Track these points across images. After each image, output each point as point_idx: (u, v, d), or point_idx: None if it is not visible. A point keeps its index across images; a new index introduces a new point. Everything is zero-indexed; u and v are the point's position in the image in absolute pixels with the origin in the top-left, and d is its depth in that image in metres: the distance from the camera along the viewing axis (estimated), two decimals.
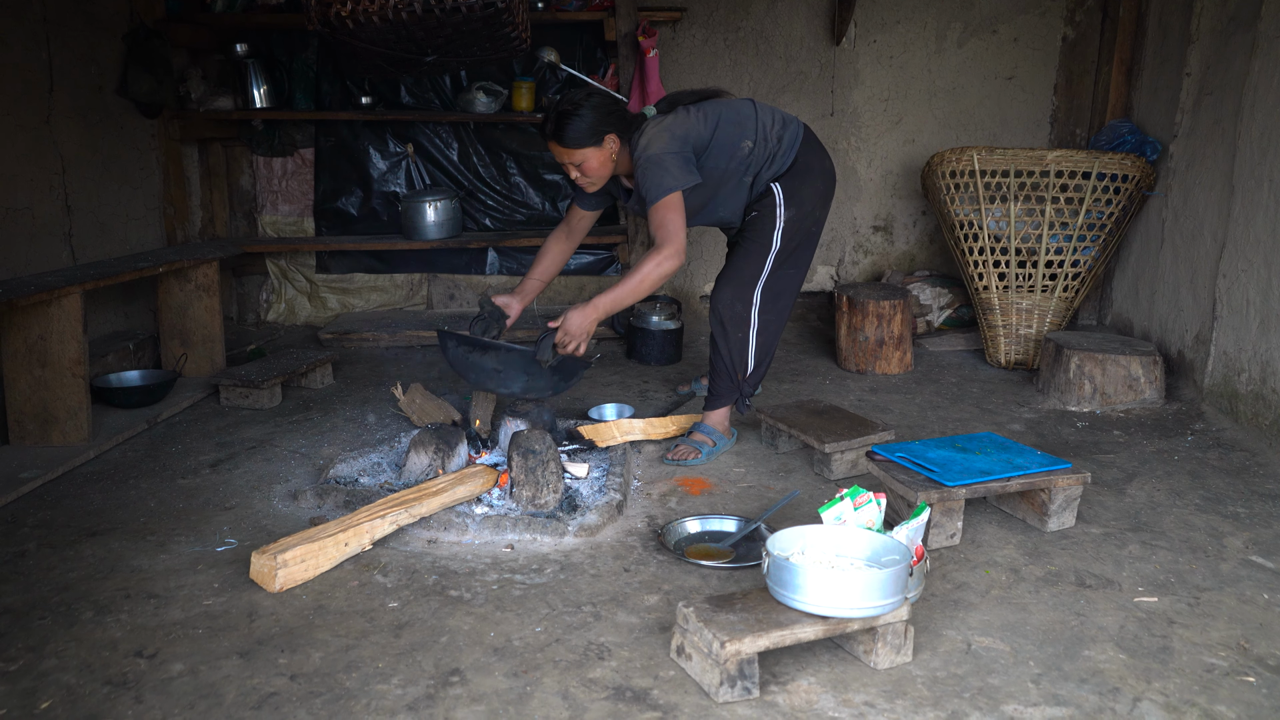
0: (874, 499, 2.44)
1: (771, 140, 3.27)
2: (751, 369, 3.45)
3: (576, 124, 3.06)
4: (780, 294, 3.39)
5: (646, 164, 3.07)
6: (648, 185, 3.07)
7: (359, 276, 5.74)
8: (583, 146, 3.10)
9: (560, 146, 3.11)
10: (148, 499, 3.14)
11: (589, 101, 3.09)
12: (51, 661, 2.19)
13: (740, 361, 3.43)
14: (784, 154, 3.29)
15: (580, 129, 3.07)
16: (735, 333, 3.38)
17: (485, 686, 2.11)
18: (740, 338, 3.39)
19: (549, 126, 3.10)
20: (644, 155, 3.10)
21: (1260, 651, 2.27)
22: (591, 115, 3.07)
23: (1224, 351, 3.87)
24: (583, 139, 3.09)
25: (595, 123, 3.08)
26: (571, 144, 3.10)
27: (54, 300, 3.47)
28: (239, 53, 5.33)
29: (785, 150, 3.29)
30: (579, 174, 3.18)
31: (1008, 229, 4.57)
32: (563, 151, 3.12)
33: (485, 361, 3.17)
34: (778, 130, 3.29)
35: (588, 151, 3.12)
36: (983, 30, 5.43)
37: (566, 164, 3.17)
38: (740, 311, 3.36)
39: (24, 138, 4.06)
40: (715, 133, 3.20)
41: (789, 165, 3.30)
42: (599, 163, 3.14)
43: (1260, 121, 3.70)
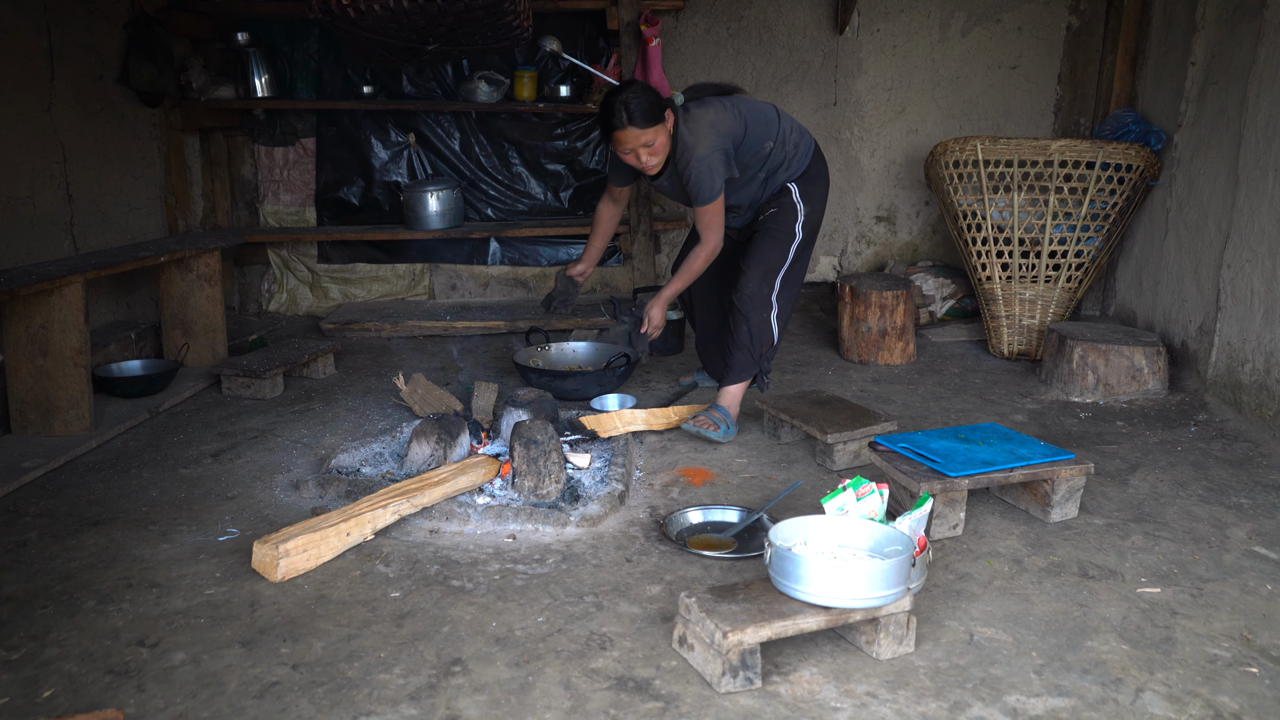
0: (876, 489, 2.44)
1: (789, 146, 3.56)
2: (777, 339, 3.65)
3: (645, 102, 3.22)
4: (791, 283, 3.64)
5: (698, 164, 3.32)
6: (699, 186, 3.35)
7: (361, 266, 5.73)
8: (655, 124, 3.25)
9: (636, 129, 3.23)
10: (149, 488, 3.14)
11: (637, 84, 3.29)
12: (53, 650, 2.20)
13: (765, 336, 3.59)
14: (798, 160, 3.59)
15: (650, 106, 3.23)
16: (759, 314, 3.56)
17: (487, 676, 2.11)
18: (764, 318, 3.57)
19: (621, 115, 3.21)
20: (693, 154, 3.32)
21: (1263, 642, 2.26)
22: (649, 93, 3.25)
23: (1228, 342, 3.86)
24: (655, 115, 3.25)
25: (655, 100, 3.26)
26: (647, 122, 3.23)
27: (55, 290, 3.46)
28: (240, 41, 5.31)
29: (800, 157, 3.59)
30: (648, 155, 3.31)
31: (1011, 219, 4.55)
32: (637, 134, 3.24)
33: (566, 385, 3.97)
34: (794, 139, 3.58)
35: (658, 129, 3.27)
36: (986, 19, 5.41)
37: (636, 149, 3.28)
38: (765, 294, 3.56)
39: (25, 127, 4.05)
40: (746, 131, 3.44)
41: (802, 170, 3.61)
42: (664, 139, 3.31)
43: (1266, 111, 3.68)
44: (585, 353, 4.37)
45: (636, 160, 3.33)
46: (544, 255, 5.72)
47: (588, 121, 5.57)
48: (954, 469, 2.77)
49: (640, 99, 3.23)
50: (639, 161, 3.34)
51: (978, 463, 2.82)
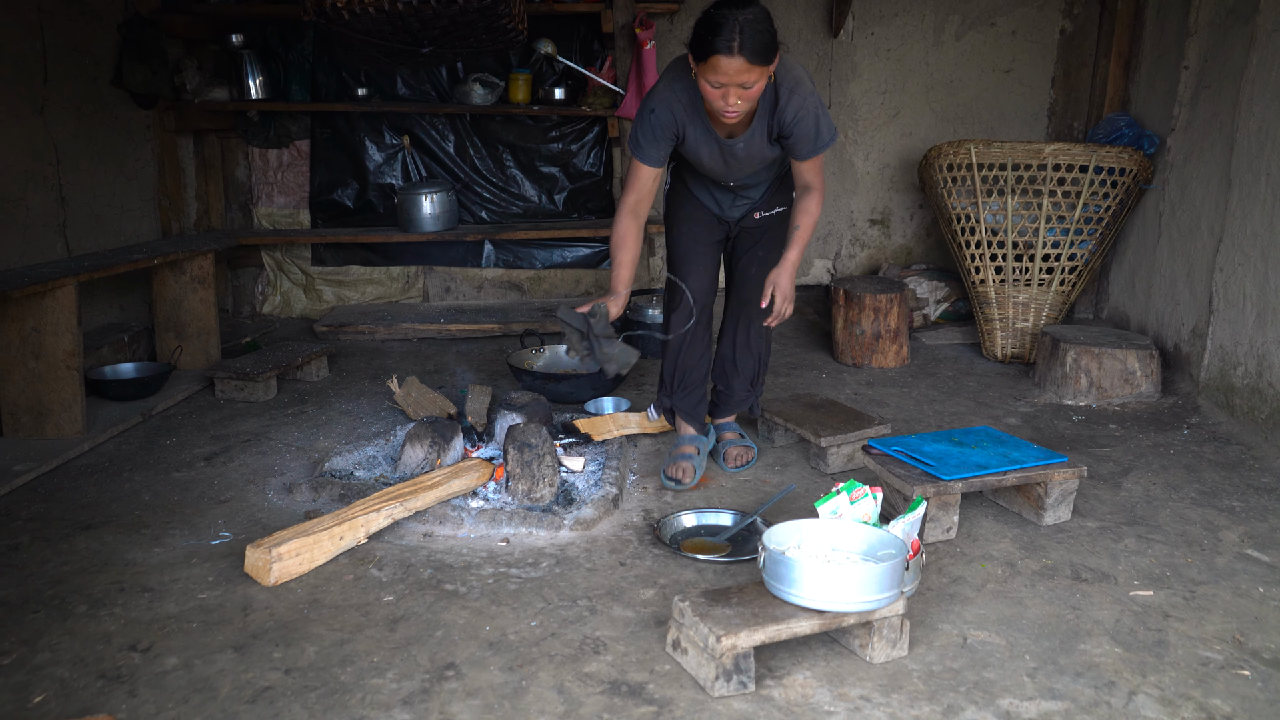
0: (870, 493, 2.44)
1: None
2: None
3: (765, 34, 2.59)
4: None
5: (818, 108, 2.83)
6: (819, 131, 2.85)
7: (355, 269, 5.72)
8: (765, 64, 2.62)
9: (745, 60, 2.56)
10: (142, 492, 3.13)
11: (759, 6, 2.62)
12: (45, 655, 2.19)
13: (768, 357, 3.39)
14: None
15: (769, 40, 2.61)
16: (768, 340, 3.33)
17: (481, 681, 2.10)
18: (769, 343, 3.36)
19: (733, 38, 2.54)
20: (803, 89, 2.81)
21: (1255, 645, 2.27)
22: (769, 24, 2.62)
23: (1220, 345, 3.87)
24: (769, 54, 2.62)
25: (773, 35, 2.63)
26: (758, 58, 2.58)
27: (48, 292, 3.45)
28: (235, 43, 5.30)
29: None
30: (738, 97, 2.65)
31: (1005, 222, 4.56)
32: (743, 69, 2.57)
33: (560, 388, 3.94)
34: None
35: (764, 72, 2.64)
36: (981, 23, 5.42)
37: (730, 86, 2.62)
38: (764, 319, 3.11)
39: (18, 128, 4.04)
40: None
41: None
42: (762, 87, 2.68)
43: (1258, 115, 3.69)
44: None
45: (721, 100, 2.65)
46: (538, 258, 5.71)
47: (582, 124, 5.57)
48: (947, 472, 2.78)
49: (762, 28, 2.57)
50: (723, 103, 2.66)
51: (971, 466, 2.82)
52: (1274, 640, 2.29)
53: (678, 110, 2.88)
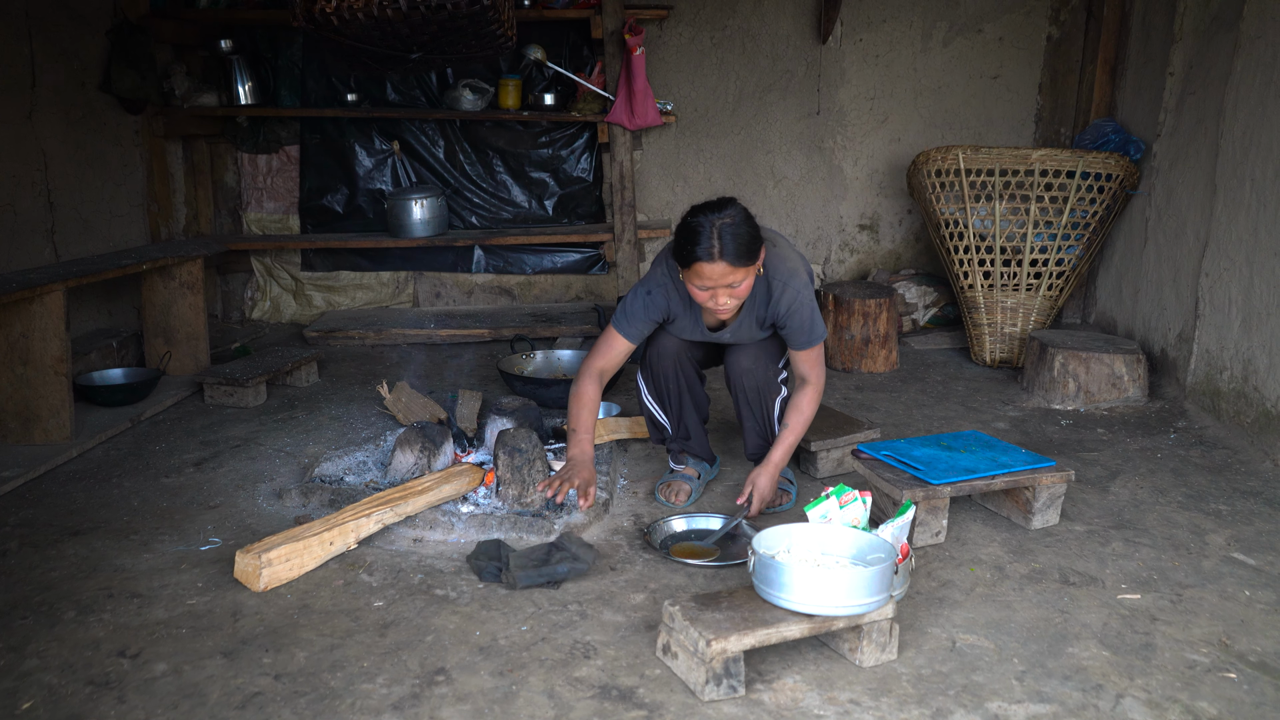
0: (859, 497, 2.45)
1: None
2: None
3: (745, 236, 2.62)
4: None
5: (812, 304, 2.86)
6: (814, 324, 2.87)
7: (344, 274, 5.71)
8: (750, 263, 2.65)
9: (728, 265, 2.59)
10: (131, 498, 3.12)
11: (737, 207, 2.66)
12: (33, 661, 2.18)
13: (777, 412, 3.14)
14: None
15: (750, 241, 2.63)
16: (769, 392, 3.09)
17: (471, 686, 2.10)
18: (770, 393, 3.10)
19: (712, 244, 2.57)
20: (802, 293, 2.83)
21: (1242, 648, 2.29)
22: (750, 225, 2.66)
23: (1206, 350, 3.89)
24: (753, 253, 2.65)
25: (755, 234, 2.67)
26: (742, 260, 2.61)
27: (36, 298, 3.44)
28: (224, 49, 5.30)
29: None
30: (727, 297, 2.67)
31: (993, 228, 4.59)
32: (727, 272, 2.61)
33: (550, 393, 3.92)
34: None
35: (750, 271, 2.67)
36: (968, 29, 5.45)
37: (717, 289, 2.65)
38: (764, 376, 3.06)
39: (6, 133, 4.03)
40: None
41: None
42: (750, 284, 2.71)
43: (1243, 121, 3.72)
44: (570, 360, 4.38)
45: (711, 301, 2.68)
46: (528, 263, 5.72)
47: (572, 130, 5.58)
48: (936, 476, 2.79)
49: (741, 231, 2.60)
50: (714, 303, 2.69)
51: (960, 470, 2.83)
52: (1260, 643, 2.31)
53: (673, 298, 2.90)
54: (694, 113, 5.54)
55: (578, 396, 2.93)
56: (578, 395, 2.93)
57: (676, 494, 3.12)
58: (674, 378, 3.06)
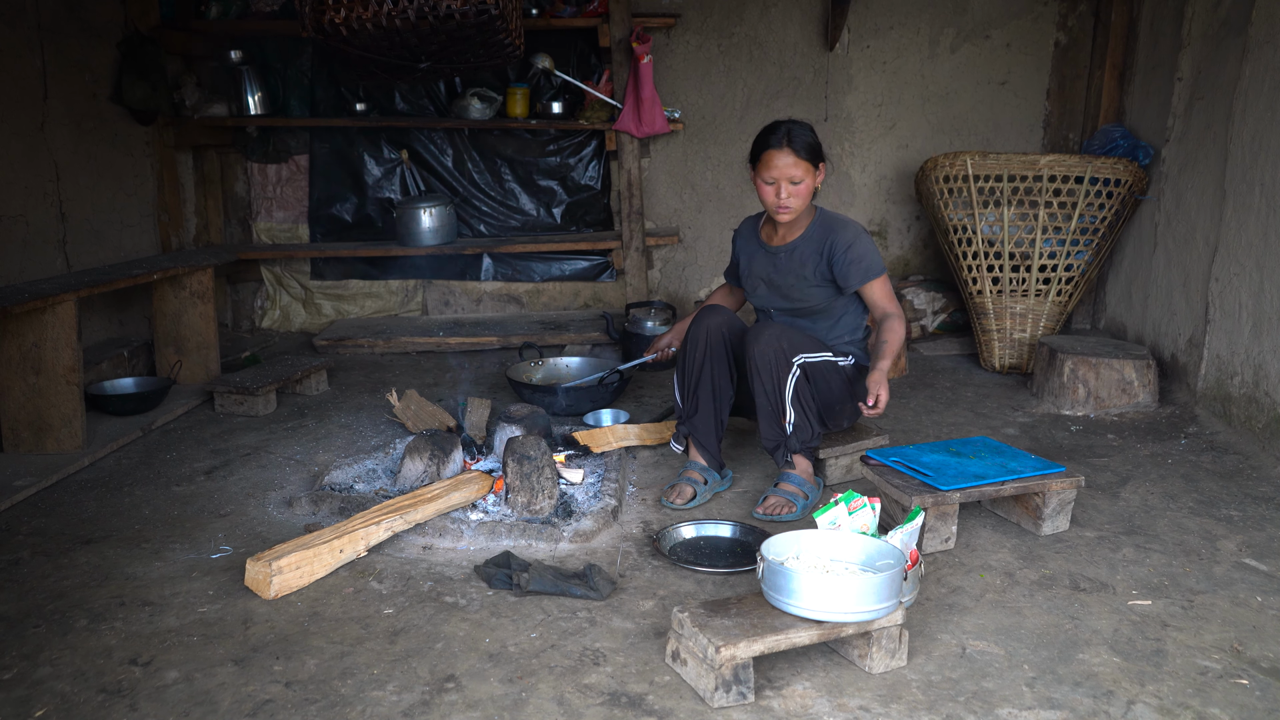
0: (868, 503, 2.44)
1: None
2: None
3: (810, 138, 3.05)
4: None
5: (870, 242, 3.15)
6: (874, 257, 3.13)
7: (354, 283, 5.73)
8: (812, 162, 3.05)
9: (793, 155, 3.00)
10: (142, 506, 3.13)
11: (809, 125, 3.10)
12: (46, 669, 2.19)
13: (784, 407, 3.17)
14: None
15: (814, 143, 3.06)
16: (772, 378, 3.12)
17: (480, 693, 2.11)
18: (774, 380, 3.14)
19: (782, 135, 3.01)
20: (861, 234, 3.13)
21: (1254, 654, 2.27)
22: (815, 134, 3.09)
23: (1217, 355, 3.88)
24: (815, 155, 3.05)
25: (818, 143, 3.08)
26: (805, 155, 3.02)
27: (48, 307, 3.47)
28: (234, 59, 5.33)
29: None
30: (789, 193, 3.05)
31: (1001, 233, 4.58)
32: (792, 163, 3.00)
33: (559, 400, 3.97)
34: None
35: (810, 171, 3.04)
36: (975, 35, 5.45)
37: (781, 180, 3.03)
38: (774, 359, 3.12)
39: (18, 145, 4.06)
40: None
41: None
42: (809, 186, 3.08)
43: (1251, 125, 3.72)
44: (579, 368, 4.38)
45: (775, 193, 3.05)
46: (537, 271, 5.73)
47: (580, 138, 5.60)
48: (945, 482, 2.78)
49: (807, 132, 3.06)
50: (776, 196, 3.04)
51: (969, 476, 2.83)
52: (1272, 649, 2.30)
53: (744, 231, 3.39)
54: (701, 120, 5.55)
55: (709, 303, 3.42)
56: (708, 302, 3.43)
57: (678, 495, 3.13)
58: (701, 346, 3.17)
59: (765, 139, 3.05)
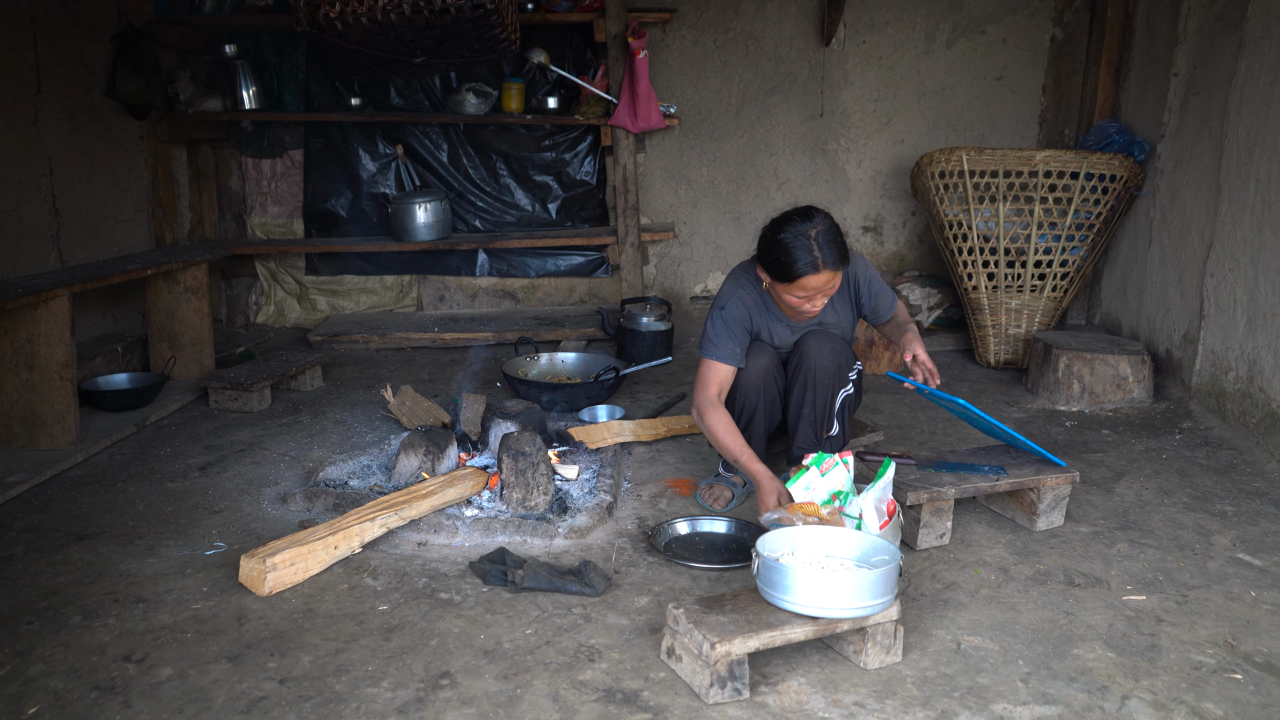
0: (839, 459, 2.45)
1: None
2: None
3: (838, 238, 2.79)
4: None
5: (882, 281, 3.13)
6: (885, 285, 3.14)
7: (349, 278, 5.72)
8: (849, 261, 2.86)
9: (831, 271, 2.76)
10: (136, 502, 3.13)
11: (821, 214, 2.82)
12: (39, 666, 2.18)
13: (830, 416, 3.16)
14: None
15: (842, 242, 2.81)
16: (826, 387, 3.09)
17: (475, 689, 2.10)
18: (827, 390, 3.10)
19: (817, 255, 2.71)
20: (866, 264, 3.10)
21: (1248, 649, 2.28)
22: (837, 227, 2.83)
23: (1211, 350, 3.88)
24: (847, 252, 2.84)
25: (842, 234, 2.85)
26: (841, 263, 2.78)
27: (41, 303, 3.45)
28: (228, 54, 5.31)
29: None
30: (823, 298, 2.85)
31: (996, 229, 4.58)
32: (833, 278, 2.79)
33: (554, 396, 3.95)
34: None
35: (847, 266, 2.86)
36: (971, 31, 5.44)
37: (815, 293, 2.80)
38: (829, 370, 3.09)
39: (11, 139, 4.05)
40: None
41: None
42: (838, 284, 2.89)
43: (1247, 121, 3.72)
44: (574, 364, 4.38)
45: (808, 304, 2.84)
46: (532, 266, 5.72)
47: (576, 133, 5.59)
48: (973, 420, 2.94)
49: (836, 236, 2.78)
50: (811, 305, 2.85)
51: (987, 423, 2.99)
52: (1266, 644, 2.30)
53: (749, 305, 3.00)
54: (697, 115, 5.54)
55: (716, 427, 2.90)
56: (716, 426, 2.90)
57: (717, 498, 3.11)
58: (755, 393, 3.03)
59: (794, 264, 2.73)
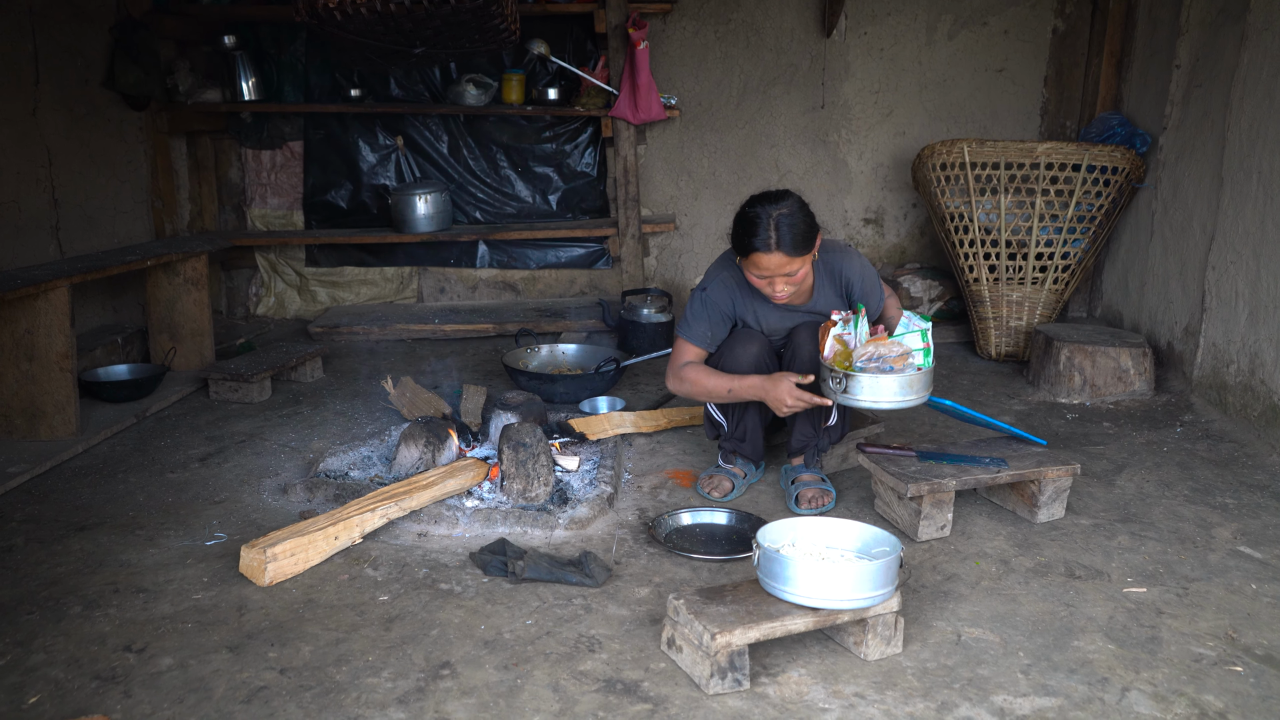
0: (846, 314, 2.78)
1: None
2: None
3: (801, 227, 2.74)
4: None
5: (860, 256, 3.06)
6: (876, 276, 3.08)
7: (349, 270, 5.71)
8: (805, 253, 2.78)
9: (785, 255, 2.73)
10: (136, 493, 3.13)
11: (793, 199, 2.78)
12: (39, 656, 2.18)
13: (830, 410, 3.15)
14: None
15: (806, 232, 2.76)
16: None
17: (476, 679, 2.10)
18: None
19: (769, 235, 2.71)
20: (850, 251, 3.04)
21: (1248, 641, 2.28)
22: (806, 215, 2.78)
23: (1213, 343, 3.88)
24: (808, 242, 2.77)
25: (811, 225, 2.79)
26: (797, 250, 2.74)
27: (41, 294, 3.45)
28: (227, 45, 5.29)
29: None
30: (784, 284, 2.81)
31: (998, 221, 4.57)
32: (784, 262, 2.75)
33: (555, 388, 3.96)
34: None
35: (805, 260, 2.80)
36: (973, 22, 5.43)
37: (774, 277, 2.80)
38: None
39: (10, 131, 4.04)
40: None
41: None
42: (806, 271, 2.85)
43: (1249, 113, 3.71)
44: (575, 356, 4.37)
45: (769, 287, 2.83)
46: (532, 258, 5.72)
47: (576, 124, 5.58)
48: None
49: (797, 222, 2.73)
50: (770, 289, 2.83)
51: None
52: (1267, 636, 2.30)
53: (733, 288, 3.00)
54: (698, 107, 5.53)
55: (695, 378, 2.98)
56: (694, 377, 2.98)
57: (717, 488, 3.11)
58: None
59: (749, 239, 2.75)
